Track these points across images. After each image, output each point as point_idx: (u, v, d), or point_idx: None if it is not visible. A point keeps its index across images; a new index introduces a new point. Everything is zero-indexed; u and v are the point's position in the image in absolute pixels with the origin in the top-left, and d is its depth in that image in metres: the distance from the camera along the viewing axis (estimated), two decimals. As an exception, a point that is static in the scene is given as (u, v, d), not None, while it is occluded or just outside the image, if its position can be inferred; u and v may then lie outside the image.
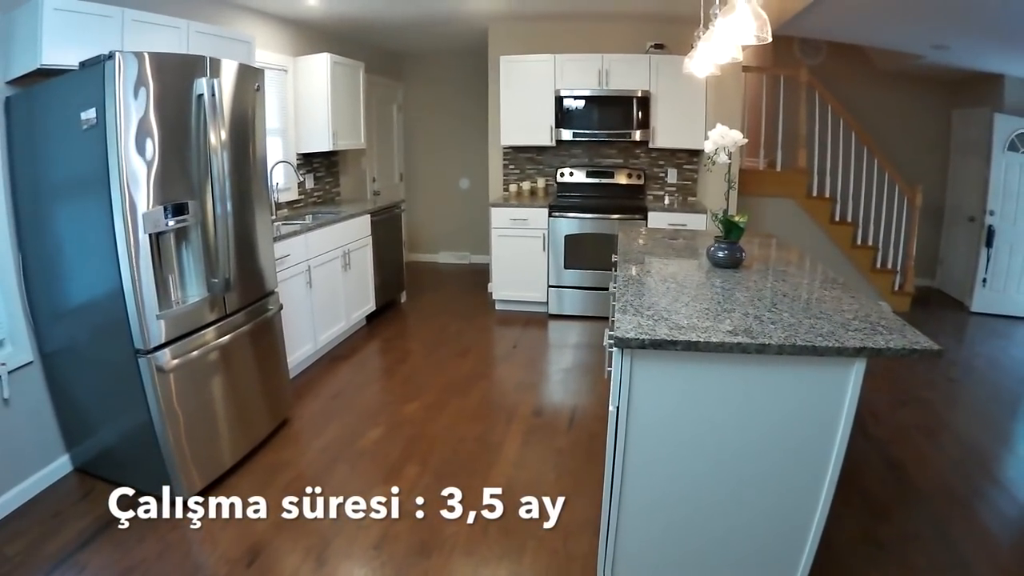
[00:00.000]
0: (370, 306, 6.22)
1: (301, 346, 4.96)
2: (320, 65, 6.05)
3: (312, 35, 6.51)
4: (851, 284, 3.44)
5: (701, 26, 3.55)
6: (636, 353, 2.10)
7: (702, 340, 2.02)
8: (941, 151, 7.83)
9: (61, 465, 3.57)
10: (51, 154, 3.19)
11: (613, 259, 3.69)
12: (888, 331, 2.14)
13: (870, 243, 7.06)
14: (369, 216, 6.10)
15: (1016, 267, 6.99)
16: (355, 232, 5.82)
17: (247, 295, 3.76)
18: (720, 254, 3.12)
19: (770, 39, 2.37)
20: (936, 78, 7.49)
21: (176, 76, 3.17)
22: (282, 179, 5.98)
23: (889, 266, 7.06)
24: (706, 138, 3.15)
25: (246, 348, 3.76)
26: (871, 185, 7.01)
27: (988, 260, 7.03)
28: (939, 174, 7.80)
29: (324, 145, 6.14)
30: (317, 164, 6.72)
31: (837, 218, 7.01)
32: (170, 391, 3.20)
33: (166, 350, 3.17)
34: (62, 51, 3.20)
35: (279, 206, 5.88)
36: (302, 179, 6.26)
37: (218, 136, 3.33)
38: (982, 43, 5.76)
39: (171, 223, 3.17)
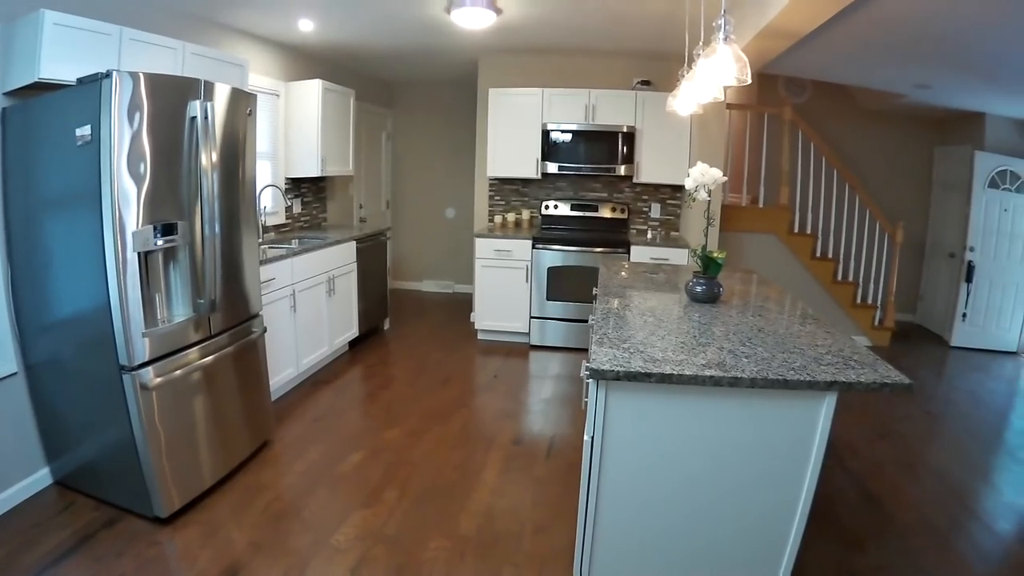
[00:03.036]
0: (353, 332, 6.25)
1: (284, 369, 4.99)
2: (312, 91, 6.14)
3: (305, 61, 6.61)
4: (831, 319, 3.56)
5: (685, 66, 3.66)
6: (611, 384, 2.17)
7: (675, 373, 2.09)
8: (923, 188, 8.03)
9: (42, 477, 3.60)
10: (44, 167, 3.25)
11: (594, 292, 3.77)
12: (860, 365, 2.22)
13: (851, 279, 7.20)
14: (355, 242, 6.16)
15: (995, 302, 7.19)
16: (340, 258, 5.88)
17: (232, 317, 3.80)
18: (698, 289, 3.21)
19: (749, 81, 2.47)
20: (919, 116, 7.70)
21: (171, 97, 3.23)
22: (270, 203, 6.04)
23: (870, 301, 7.19)
24: (687, 175, 3.24)
25: (229, 369, 3.79)
26: (852, 221, 7.17)
27: (968, 295, 7.23)
28: (921, 210, 8.01)
29: (313, 170, 6.21)
30: (305, 189, 6.78)
31: (819, 254, 7.13)
32: (153, 408, 3.23)
33: (150, 368, 3.21)
34: (60, 65, 3.28)
35: (266, 229, 5.94)
36: (290, 203, 6.32)
37: (209, 158, 3.41)
38: (964, 82, 5.94)
39: (160, 242, 3.22)
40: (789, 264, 6.97)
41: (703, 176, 3.16)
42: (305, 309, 5.23)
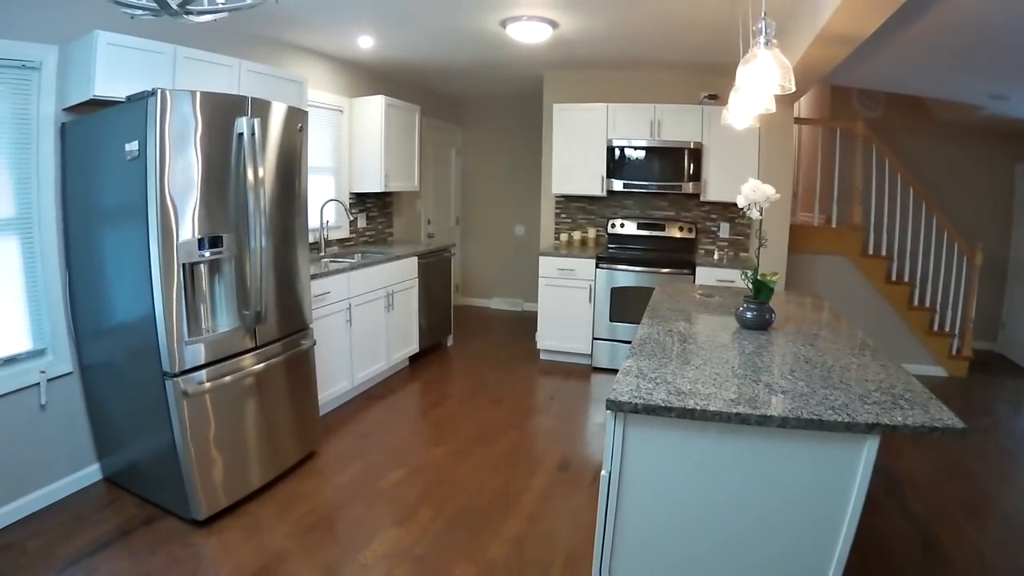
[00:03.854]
0: (413, 347, 6.28)
1: (337, 382, 5.03)
2: (375, 107, 6.23)
3: (369, 77, 6.72)
4: (904, 348, 3.34)
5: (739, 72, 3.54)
6: (629, 418, 2.05)
7: (698, 408, 1.96)
8: (1004, 207, 7.58)
9: (91, 472, 3.81)
10: (98, 179, 3.40)
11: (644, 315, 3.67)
12: (910, 405, 2.03)
13: (927, 304, 6.82)
14: (416, 258, 6.19)
15: None
16: (401, 273, 5.91)
17: (280, 329, 3.85)
18: (748, 315, 3.05)
19: (794, 88, 2.34)
20: (998, 130, 7.29)
21: (217, 114, 3.30)
22: (333, 217, 6.13)
23: (946, 329, 6.78)
24: (739, 192, 3.11)
25: (275, 380, 3.84)
26: (929, 243, 6.81)
27: None
28: (1002, 231, 7.55)
29: (376, 186, 6.28)
30: (371, 204, 6.87)
31: (893, 277, 6.78)
32: (194, 414, 3.31)
33: (193, 375, 3.30)
34: (114, 84, 3.41)
35: (329, 243, 6.02)
36: (353, 218, 6.40)
37: (255, 173, 3.46)
38: None
39: (206, 254, 3.29)
40: (861, 288, 6.66)
41: (754, 193, 3.02)
42: (361, 324, 5.27)
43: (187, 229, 3.19)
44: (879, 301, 6.65)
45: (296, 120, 3.87)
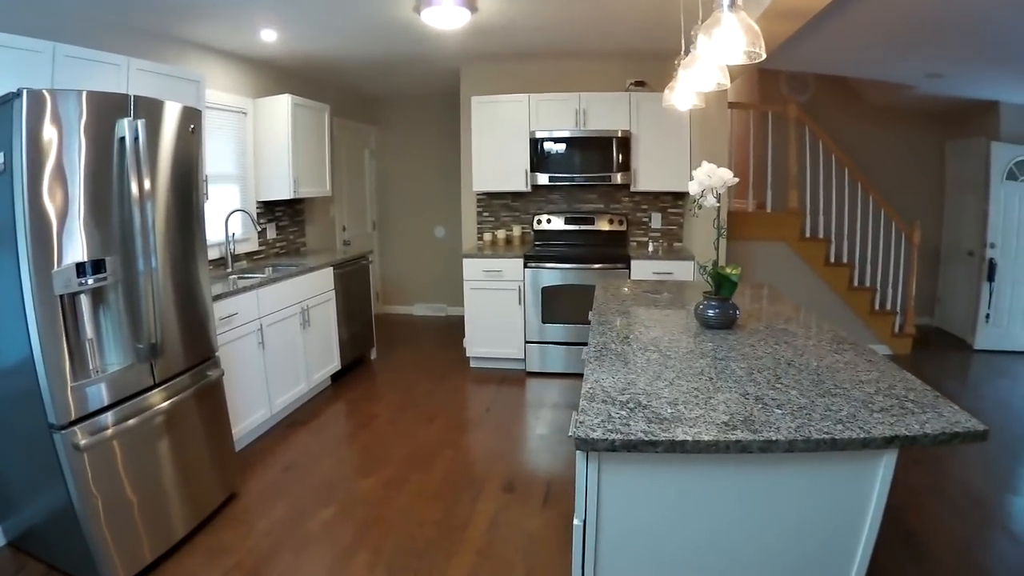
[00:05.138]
0: (334, 365, 5.87)
1: (254, 412, 4.61)
2: (280, 107, 5.79)
3: (275, 76, 6.27)
4: (849, 329, 3.16)
5: (682, 52, 3.29)
6: (604, 457, 1.73)
7: (690, 439, 1.65)
8: (935, 185, 7.72)
9: None
10: None
11: (589, 317, 3.38)
12: (920, 408, 1.82)
13: (867, 284, 6.84)
14: (332, 268, 5.78)
15: (1020, 301, 6.88)
16: (316, 286, 5.50)
17: (181, 361, 3.42)
18: (710, 312, 2.80)
19: (764, 55, 2.07)
20: (927, 110, 7.41)
21: (95, 116, 2.87)
22: (239, 229, 5.68)
23: (888, 307, 6.83)
24: (691, 178, 2.84)
25: (180, 420, 3.41)
26: (867, 224, 6.81)
27: (991, 295, 6.91)
28: (935, 209, 7.69)
29: (285, 193, 5.85)
30: (280, 212, 6.42)
31: (832, 260, 6.77)
32: (91, 468, 2.88)
33: (83, 425, 2.85)
34: None
35: (237, 258, 5.57)
36: (261, 228, 5.95)
37: (140, 184, 3.04)
38: (978, 69, 5.65)
39: (88, 282, 2.86)
40: (801, 273, 6.59)
41: (710, 178, 2.75)
42: (276, 345, 4.85)
43: (64, 253, 2.75)
44: (820, 284, 6.60)
45: (188, 121, 3.44)
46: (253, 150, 5.91)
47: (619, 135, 6.04)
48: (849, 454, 1.70)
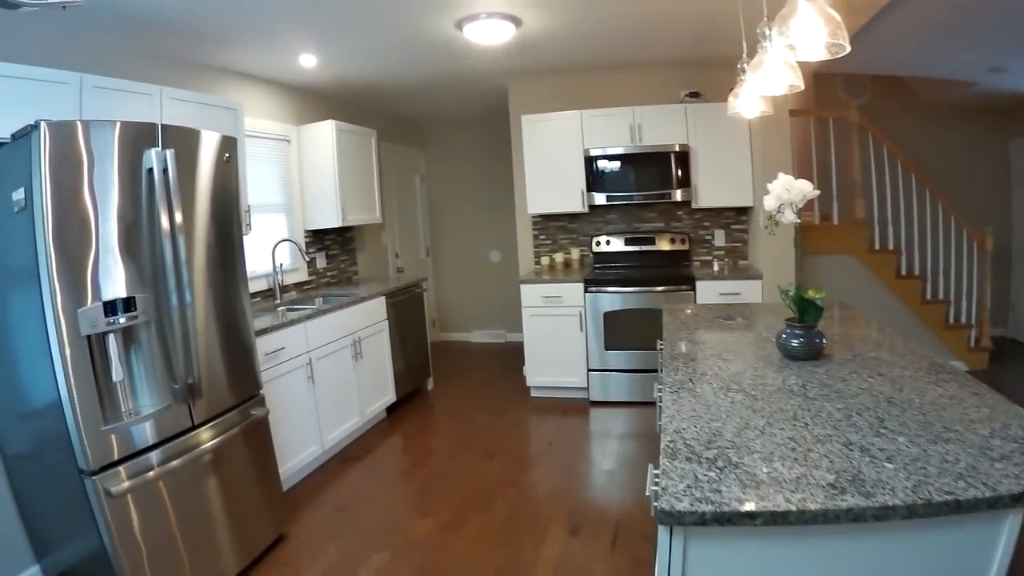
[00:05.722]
0: (389, 397, 5.68)
1: (305, 448, 4.43)
2: (324, 133, 5.67)
3: (319, 102, 6.17)
4: (923, 345, 2.82)
5: (745, 55, 3.02)
6: (692, 531, 1.44)
7: (795, 509, 1.35)
8: (1001, 186, 7.27)
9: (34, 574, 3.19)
10: None
11: (659, 347, 3.10)
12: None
13: (940, 296, 6.40)
14: (384, 298, 5.60)
15: None
16: (368, 316, 5.32)
17: (221, 401, 3.25)
18: (794, 343, 2.49)
19: (848, 47, 1.80)
20: (989, 107, 6.99)
21: (120, 147, 2.75)
22: (287, 259, 5.54)
23: (962, 320, 6.36)
24: (766, 192, 2.55)
25: (222, 462, 3.23)
26: (936, 232, 6.39)
27: None
28: (1002, 211, 7.23)
29: (333, 221, 5.72)
30: (329, 241, 6.29)
31: (903, 272, 6.36)
32: (122, 516, 2.72)
33: (115, 470, 2.70)
34: (7, 121, 2.79)
35: (285, 289, 5.44)
36: (309, 259, 5.80)
37: (171, 216, 2.89)
38: None
39: (119, 321, 2.70)
40: (871, 287, 6.18)
41: (788, 191, 2.46)
42: (327, 378, 4.67)
43: (89, 293, 2.61)
44: (891, 299, 6.18)
45: (222, 150, 3.29)
46: (299, 178, 5.79)
47: (676, 149, 5.75)
48: (970, 517, 1.40)
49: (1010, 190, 7.25)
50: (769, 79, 2.43)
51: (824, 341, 2.50)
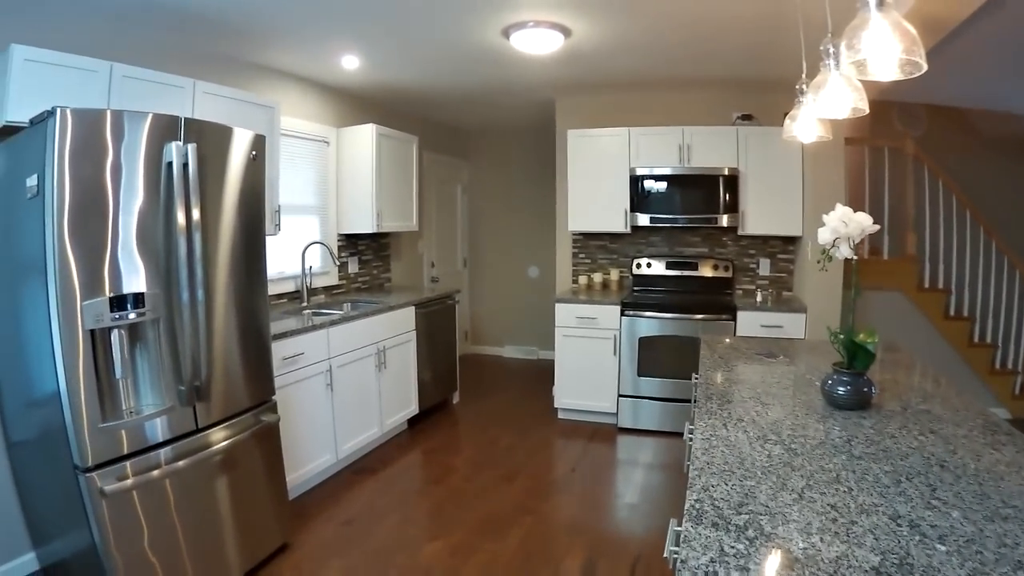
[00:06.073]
0: (412, 409, 5.56)
1: (319, 456, 4.34)
2: (364, 137, 5.60)
3: (360, 105, 6.11)
4: (966, 390, 2.58)
5: (804, 75, 2.84)
6: None
7: None
8: None
9: (28, 562, 3.21)
10: (10, 226, 2.77)
11: (694, 380, 2.92)
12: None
13: (988, 340, 6.10)
14: (414, 308, 5.49)
15: None
16: (395, 326, 5.21)
17: (229, 405, 3.16)
18: (840, 391, 2.28)
19: (925, 65, 1.63)
20: None
21: (139, 139, 2.68)
22: (318, 262, 5.47)
23: (1009, 366, 6.06)
24: (819, 223, 2.36)
25: (226, 468, 3.14)
26: (988, 272, 6.10)
27: None
28: None
29: (367, 226, 5.63)
30: (363, 246, 6.21)
31: (952, 312, 6.09)
32: (117, 517, 2.64)
33: (109, 469, 2.62)
34: (33, 109, 2.71)
35: (314, 292, 5.36)
36: (339, 263, 5.72)
37: (188, 212, 2.81)
38: None
39: (128, 316, 2.62)
40: (919, 326, 5.92)
41: (846, 225, 2.26)
42: (346, 387, 4.57)
43: (96, 286, 2.53)
44: (936, 340, 5.93)
45: (250, 147, 3.20)
46: (335, 181, 5.72)
47: (726, 173, 5.56)
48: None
49: None
50: (831, 101, 2.25)
51: (874, 390, 2.30)
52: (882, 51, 1.59)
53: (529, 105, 6.62)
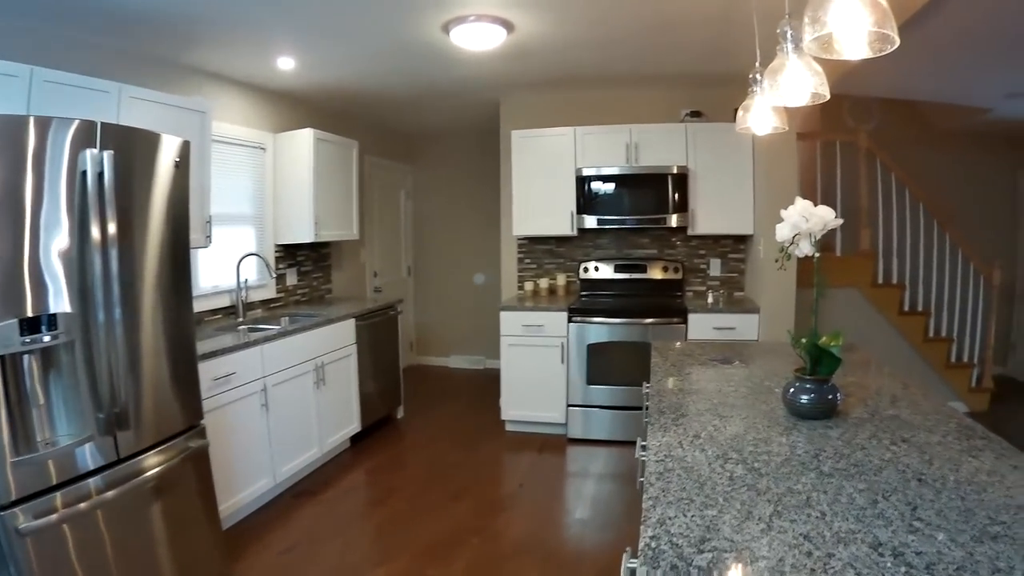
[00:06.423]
0: (353, 427, 5.38)
1: (256, 481, 4.15)
2: (302, 142, 5.43)
3: (299, 110, 5.93)
4: (923, 384, 2.52)
5: (758, 63, 2.77)
6: None
7: None
8: (1006, 217, 7.18)
9: None
10: None
11: (645, 391, 2.82)
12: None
13: (943, 334, 6.24)
14: (354, 320, 5.32)
15: None
16: (334, 340, 5.04)
17: (153, 432, 2.96)
18: (804, 399, 2.18)
19: (897, 40, 1.54)
20: (999, 135, 6.90)
21: (50, 146, 2.48)
22: (254, 274, 5.27)
23: (965, 359, 6.22)
24: (777, 220, 2.26)
25: (152, 499, 2.95)
26: (943, 266, 6.24)
27: None
28: (1007, 244, 7.13)
29: (305, 236, 5.45)
30: (302, 257, 6.01)
31: (907, 308, 6.19)
32: (32, 559, 2.42)
33: (26, 506, 2.41)
34: None
35: (250, 306, 5.16)
36: (277, 275, 5.54)
37: (104, 225, 2.62)
38: None
39: (42, 339, 2.43)
40: (874, 323, 5.99)
41: (807, 221, 2.17)
42: (283, 406, 4.38)
43: (5, 307, 2.33)
44: (893, 336, 6.02)
45: (173, 153, 3.02)
46: (273, 189, 5.53)
47: (675, 172, 5.52)
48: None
49: (1016, 223, 7.16)
50: (790, 86, 2.17)
51: (839, 397, 2.22)
52: (850, 24, 1.48)
53: (473, 106, 6.51)
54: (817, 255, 2.24)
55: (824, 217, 2.17)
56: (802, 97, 2.24)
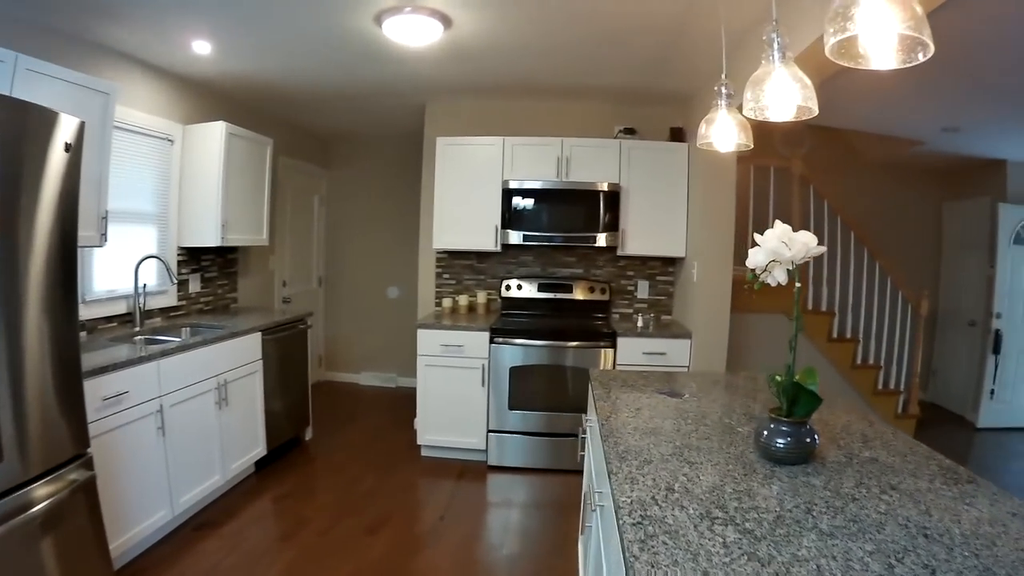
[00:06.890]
0: (259, 451, 4.98)
1: (152, 513, 3.74)
2: (213, 135, 5.04)
3: (213, 101, 5.53)
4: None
5: (724, 75, 2.60)
6: None
7: None
8: (931, 248, 7.48)
9: None
10: None
11: (585, 425, 2.58)
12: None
13: (871, 361, 6.32)
14: (260, 334, 4.93)
15: None
16: (239, 356, 4.65)
17: (27, 466, 2.56)
18: (780, 443, 1.99)
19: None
20: (927, 168, 7.18)
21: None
22: (153, 279, 4.83)
23: (891, 386, 6.33)
24: (757, 244, 2.07)
25: (29, 541, 2.54)
26: (872, 293, 6.35)
27: (996, 369, 6.61)
28: (930, 275, 7.42)
29: (211, 239, 5.06)
30: (207, 262, 5.59)
31: (836, 334, 6.26)
32: None
33: None
34: None
35: (148, 314, 4.73)
36: (179, 280, 5.12)
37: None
38: (1000, 122, 5.32)
39: None
40: (803, 349, 5.88)
41: (787, 247, 1.98)
42: (181, 429, 3.98)
43: None
44: (821, 363, 6.03)
45: (62, 135, 2.64)
46: (179, 185, 5.10)
47: (606, 189, 5.37)
48: None
49: (940, 252, 7.40)
50: (775, 98, 2.01)
51: (817, 440, 2.04)
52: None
53: (400, 108, 6.22)
54: (798, 285, 2.06)
55: (807, 244, 1.99)
56: (787, 111, 2.08)
